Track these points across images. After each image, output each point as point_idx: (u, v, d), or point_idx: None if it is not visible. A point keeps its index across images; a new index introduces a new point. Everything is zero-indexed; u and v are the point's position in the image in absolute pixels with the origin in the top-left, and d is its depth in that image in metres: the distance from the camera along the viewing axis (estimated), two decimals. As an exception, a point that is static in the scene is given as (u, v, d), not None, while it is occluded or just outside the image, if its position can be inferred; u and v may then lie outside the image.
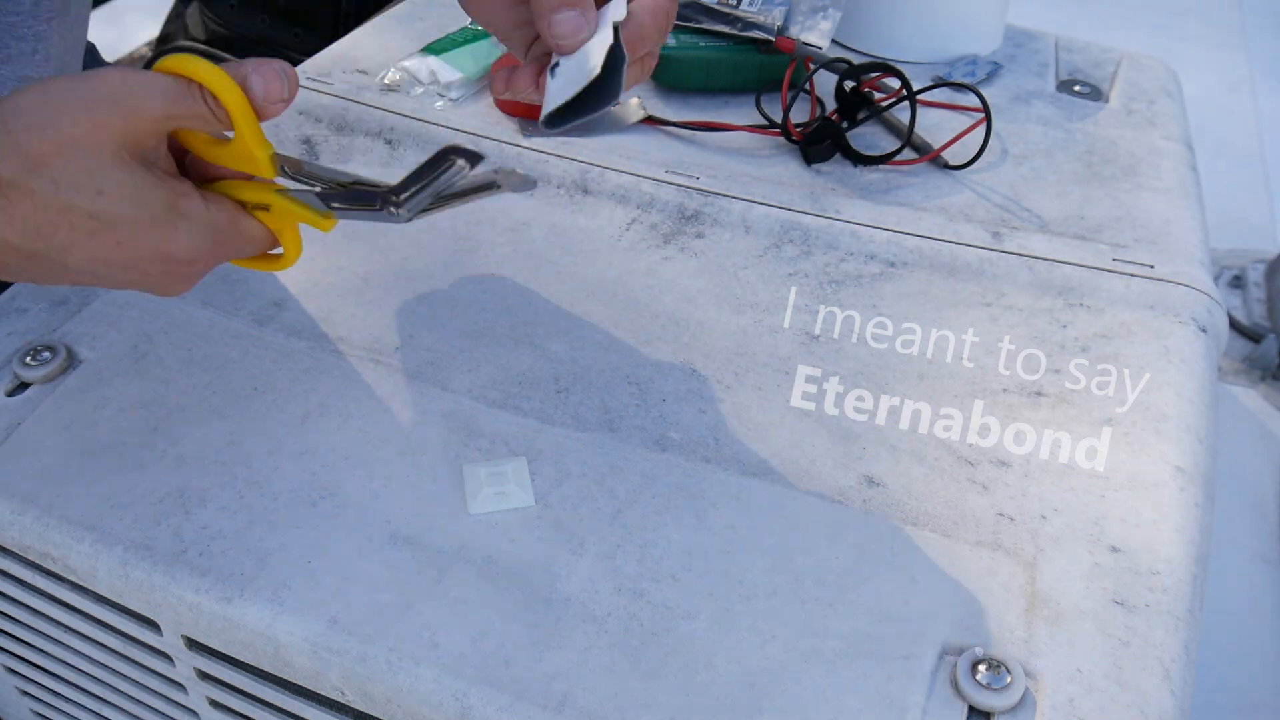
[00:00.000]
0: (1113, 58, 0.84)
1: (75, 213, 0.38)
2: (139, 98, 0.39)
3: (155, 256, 0.41)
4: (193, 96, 0.40)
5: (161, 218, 0.40)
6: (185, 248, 0.41)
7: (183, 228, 0.41)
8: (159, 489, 0.47)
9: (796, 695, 0.40)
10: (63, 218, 0.38)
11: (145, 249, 0.40)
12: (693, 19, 0.75)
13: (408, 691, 0.41)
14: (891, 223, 0.63)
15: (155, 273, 0.42)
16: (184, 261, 0.42)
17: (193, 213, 0.41)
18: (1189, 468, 0.49)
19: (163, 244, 0.41)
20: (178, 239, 0.41)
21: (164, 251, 0.41)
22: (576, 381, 0.53)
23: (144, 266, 0.41)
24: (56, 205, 0.38)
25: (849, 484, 0.48)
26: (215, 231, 0.42)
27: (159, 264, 0.41)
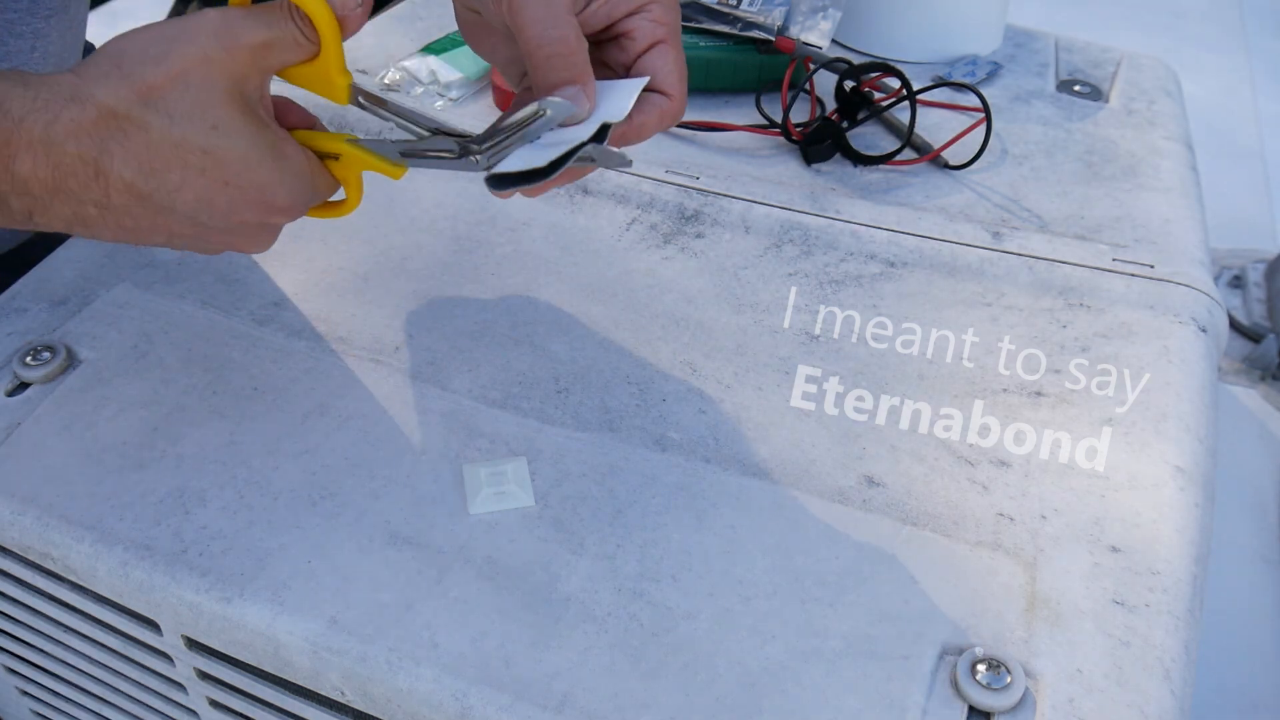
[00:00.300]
0: (1113, 58, 0.84)
1: (188, 147, 0.38)
2: (238, 28, 0.39)
3: (258, 201, 0.41)
4: (285, 17, 0.40)
5: (268, 159, 0.41)
6: (285, 193, 0.42)
7: (287, 171, 0.41)
8: (159, 489, 0.47)
9: (796, 695, 0.40)
10: (176, 153, 0.38)
11: (251, 191, 0.41)
12: (693, 19, 0.75)
13: (408, 691, 0.41)
14: (891, 223, 0.63)
15: (252, 221, 0.42)
16: (280, 209, 0.42)
17: (292, 157, 0.42)
18: (1189, 468, 0.49)
19: (267, 187, 0.41)
20: (282, 183, 0.41)
21: (266, 196, 0.41)
22: (576, 381, 0.53)
23: (244, 212, 0.41)
24: (171, 139, 0.38)
25: (849, 484, 0.48)
26: (306, 179, 0.43)
27: (258, 210, 0.42)
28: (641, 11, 0.43)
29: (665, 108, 0.43)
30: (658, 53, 0.43)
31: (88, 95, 0.37)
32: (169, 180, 0.39)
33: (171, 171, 0.39)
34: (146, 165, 0.38)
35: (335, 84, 0.43)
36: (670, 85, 0.43)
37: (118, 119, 0.38)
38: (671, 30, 0.43)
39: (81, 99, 0.37)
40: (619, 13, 0.43)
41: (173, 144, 0.38)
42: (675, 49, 0.43)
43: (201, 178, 0.39)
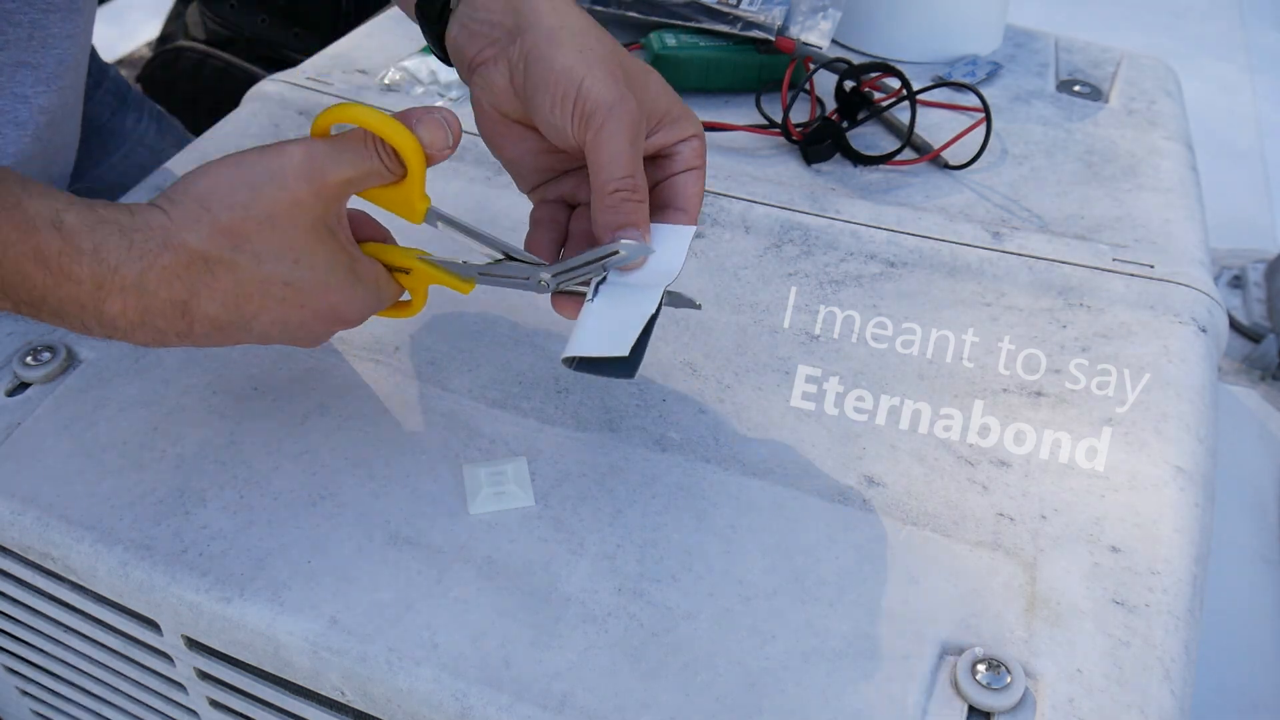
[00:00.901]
0: (1113, 58, 0.84)
1: (272, 282, 0.41)
2: (325, 166, 0.41)
3: (329, 316, 0.44)
4: (371, 154, 0.42)
5: (344, 281, 0.43)
6: (356, 309, 0.45)
7: (359, 290, 0.44)
8: (159, 489, 0.47)
9: (796, 695, 0.40)
10: (260, 288, 0.41)
11: (324, 309, 0.44)
12: (693, 19, 0.75)
13: (408, 691, 0.41)
14: (891, 223, 0.63)
15: (320, 330, 0.45)
16: (349, 321, 0.45)
17: (365, 276, 0.45)
18: (1189, 468, 0.49)
19: (340, 305, 0.44)
20: (353, 301, 0.44)
21: (339, 313, 0.44)
22: (576, 381, 0.53)
23: (314, 325, 0.44)
24: (258, 277, 0.41)
25: (849, 484, 0.48)
26: (375, 294, 0.46)
27: (327, 322, 0.44)
28: (686, 141, 0.46)
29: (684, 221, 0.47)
30: (692, 178, 0.46)
31: (180, 242, 0.39)
32: (249, 310, 0.42)
33: (253, 302, 0.42)
34: (232, 301, 0.41)
35: (415, 208, 0.45)
36: (693, 207, 0.47)
37: (208, 262, 0.40)
38: (703, 160, 0.47)
39: (174, 246, 0.39)
40: (666, 142, 0.46)
41: (259, 281, 0.41)
42: (702, 175, 0.47)
43: (281, 305, 0.42)
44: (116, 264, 0.39)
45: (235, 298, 0.41)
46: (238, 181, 0.40)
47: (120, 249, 0.39)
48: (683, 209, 0.46)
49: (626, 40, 0.78)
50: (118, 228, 0.39)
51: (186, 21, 1.38)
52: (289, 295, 0.42)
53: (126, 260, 0.39)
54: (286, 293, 0.42)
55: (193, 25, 1.37)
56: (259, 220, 0.40)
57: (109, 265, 0.39)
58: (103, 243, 0.38)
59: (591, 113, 0.42)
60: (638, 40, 0.77)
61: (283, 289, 0.42)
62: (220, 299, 0.41)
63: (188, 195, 0.40)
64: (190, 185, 0.41)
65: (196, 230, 0.40)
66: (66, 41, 0.66)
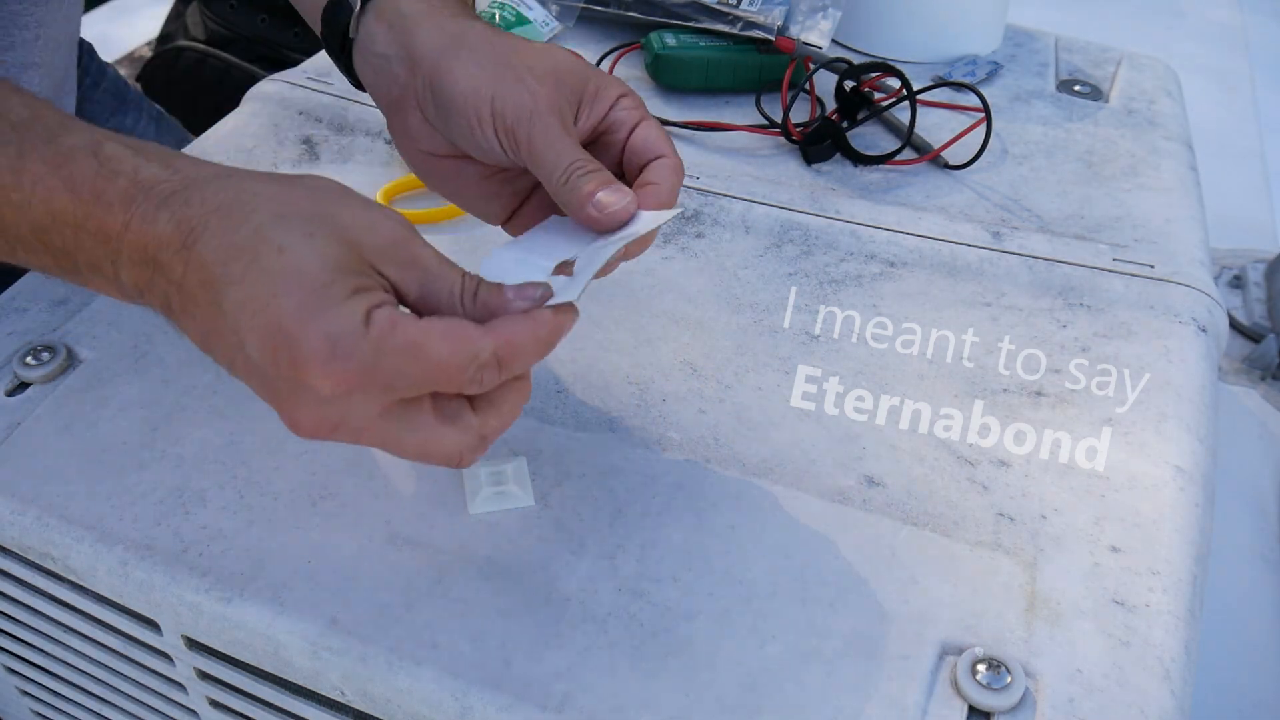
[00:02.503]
0: (1113, 58, 0.84)
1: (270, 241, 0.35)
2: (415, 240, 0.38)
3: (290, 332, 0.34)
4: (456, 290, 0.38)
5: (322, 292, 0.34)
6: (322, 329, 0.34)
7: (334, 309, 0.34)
8: (159, 489, 0.47)
9: (796, 695, 0.40)
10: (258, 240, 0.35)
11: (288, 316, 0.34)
12: (693, 19, 0.75)
13: (408, 691, 0.41)
14: (891, 223, 0.63)
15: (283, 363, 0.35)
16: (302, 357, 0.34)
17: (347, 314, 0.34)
18: (1189, 468, 0.49)
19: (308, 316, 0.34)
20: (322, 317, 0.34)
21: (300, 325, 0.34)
22: (576, 381, 0.53)
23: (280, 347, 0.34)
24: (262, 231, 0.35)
25: (849, 484, 0.48)
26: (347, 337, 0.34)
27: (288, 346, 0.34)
28: (616, 105, 0.44)
29: (672, 164, 0.44)
30: (644, 129, 0.44)
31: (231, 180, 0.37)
32: (233, 270, 0.35)
33: (239, 261, 0.35)
34: (224, 250, 0.35)
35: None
36: (665, 148, 0.44)
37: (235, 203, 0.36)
38: (645, 111, 0.45)
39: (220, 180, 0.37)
40: (599, 114, 0.44)
41: (258, 235, 0.35)
42: (653, 121, 0.45)
43: (258, 278, 0.34)
44: (152, 184, 0.36)
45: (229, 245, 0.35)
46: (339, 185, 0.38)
47: (161, 174, 0.37)
48: (659, 153, 0.44)
49: (626, 40, 0.78)
50: (163, 159, 0.37)
51: (186, 21, 1.38)
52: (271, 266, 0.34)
53: (164, 181, 0.36)
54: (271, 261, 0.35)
55: (193, 25, 1.37)
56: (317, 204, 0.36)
57: (143, 185, 0.36)
58: (143, 166, 0.37)
59: (514, 125, 0.42)
60: (638, 40, 0.77)
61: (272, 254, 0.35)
62: (219, 240, 0.35)
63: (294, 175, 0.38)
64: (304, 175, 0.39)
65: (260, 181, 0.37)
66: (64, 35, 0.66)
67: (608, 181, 0.42)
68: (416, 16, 0.44)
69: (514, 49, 0.43)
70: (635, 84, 0.76)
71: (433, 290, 0.37)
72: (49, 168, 0.37)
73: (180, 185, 0.36)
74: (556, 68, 0.43)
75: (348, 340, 0.34)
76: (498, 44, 0.43)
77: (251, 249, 0.35)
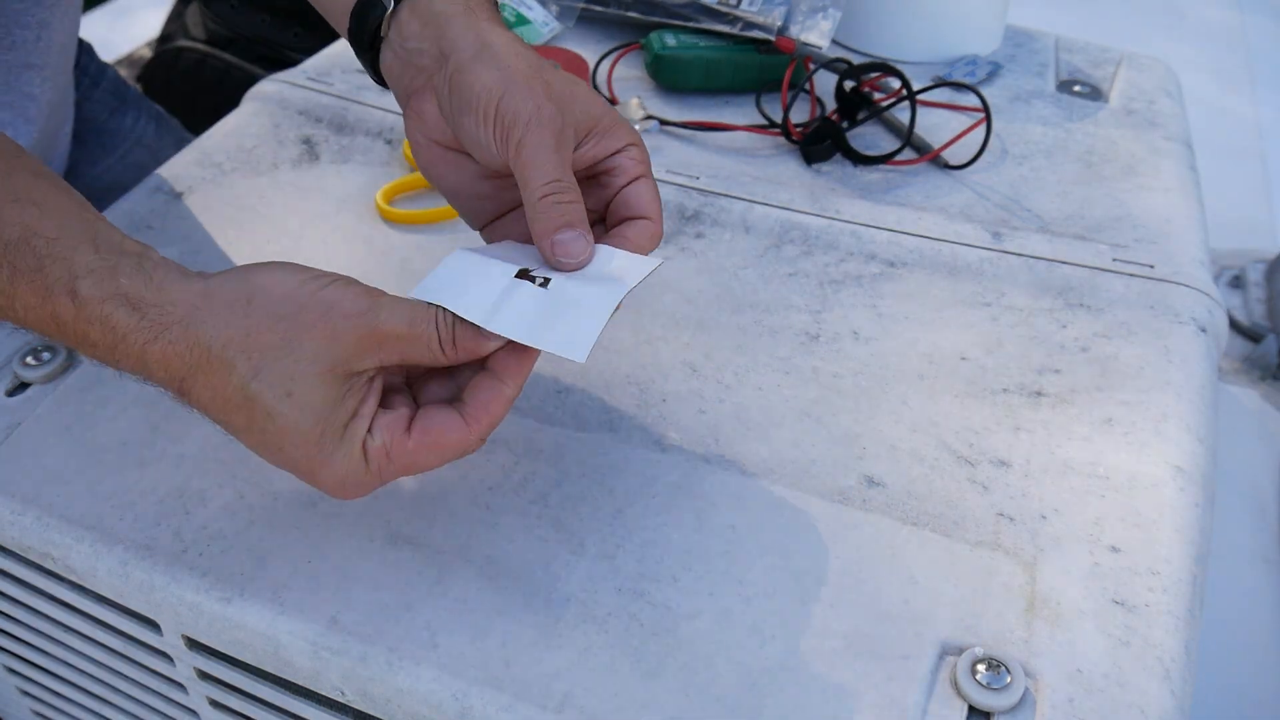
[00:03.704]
0: (1113, 58, 0.84)
1: (256, 405, 0.39)
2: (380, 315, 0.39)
3: (305, 472, 0.40)
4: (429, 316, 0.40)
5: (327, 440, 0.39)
6: (330, 476, 0.40)
7: (338, 458, 0.40)
8: (159, 489, 0.47)
9: (796, 695, 0.40)
10: (245, 404, 0.39)
11: (300, 464, 0.40)
12: (693, 19, 0.75)
13: (408, 691, 0.41)
14: (891, 223, 0.63)
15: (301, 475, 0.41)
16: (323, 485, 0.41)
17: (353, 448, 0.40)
18: (1189, 468, 0.49)
19: (314, 466, 0.40)
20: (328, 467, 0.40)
21: (313, 472, 0.40)
22: (576, 381, 0.53)
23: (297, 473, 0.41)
24: (245, 392, 0.38)
25: (849, 484, 0.48)
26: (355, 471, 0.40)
27: (306, 478, 0.41)
28: (623, 151, 0.45)
29: (652, 230, 0.45)
30: (641, 185, 0.45)
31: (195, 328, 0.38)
32: (235, 422, 0.40)
33: (237, 416, 0.39)
34: (219, 404, 0.39)
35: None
36: (653, 210, 0.45)
37: (209, 355, 0.38)
38: (648, 167, 0.45)
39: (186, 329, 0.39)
40: (602, 152, 0.45)
41: (244, 398, 0.39)
42: (653, 182, 0.45)
43: (260, 436, 0.39)
44: (125, 333, 0.38)
45: (222, 401, 0.39)
46: (293, 291, 0.39)
47: (129, 322, 0.38)
48: (645, 215, 0.45)
49: (626, 40, 0.78)
50: (128, 303, 0.38)
51: (186, 21, 1.38)
52: (268, 429, 0.39)
53: (134, 331, 0.38)
54: (266, 424, 0.39)
55: (193, 25, 1.37)
56: (280, 337, 0.38)
57: (118, 334, 0.38)
58: (111, 315, 0.38)
59: (511, 126, 0.42)
60: (638, 40, 0.77)
61: (264, 419, 0.39)
62: (210, 396, 0.39)
63: (243, 281, 0.40)
64: (254, 276, 0.40)
65: (221, 319, 0.39)
66: (65, 34, 0.66)
67: (574, 223, 0.42)
68: (451, 16, 0.45)
69: (543, 66, 0.44)
70: (635, 84, 0.76)
71: (412, 355, 0.40)
72: (38, 299, 0.39)
73: (150, 336, 0.39)
74: (574, 95, 0.44)
75: (354, 479, 0.40)
76: (528, 57, 0.44)
77: (245, 408, 0.39)
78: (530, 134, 0.42)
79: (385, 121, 0.70)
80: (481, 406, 0.41)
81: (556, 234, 0.42)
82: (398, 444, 0.40)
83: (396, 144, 0.69)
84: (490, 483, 0.47)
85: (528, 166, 0.42)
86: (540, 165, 0.42)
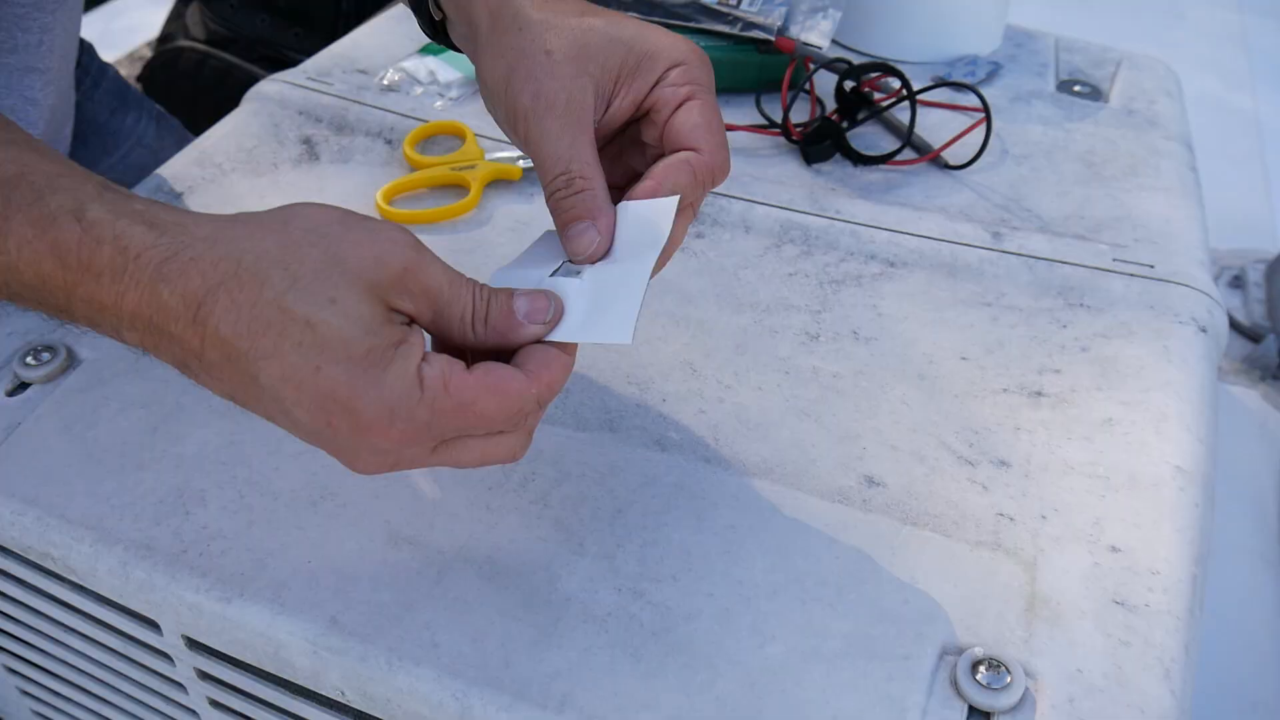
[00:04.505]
0: (1113, 58, 0.84)
1: (294, 316, 0.34)
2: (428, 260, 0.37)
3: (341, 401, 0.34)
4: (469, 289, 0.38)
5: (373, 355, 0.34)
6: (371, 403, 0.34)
7: (385, 381, 0.34)
8: (159, 489, 0.47)
9: (796, 695, 0.40)
10: (279, 316, 0.34)
11: (339, 386, 0.34)
12: (693, 19, 0.75)
13: (408, 691, 0.41)
14: (891, 223, 0.63)
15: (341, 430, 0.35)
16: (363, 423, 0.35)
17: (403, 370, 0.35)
18: (1189, 468, 0.49)
19: (356, 387, 0.34)
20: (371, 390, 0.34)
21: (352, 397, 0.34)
22: (576, 381, 0.53)
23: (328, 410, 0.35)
24: (281, 303, 0.34)
25: (849, 484, 0.48)
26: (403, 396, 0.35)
27: (341, 413, 0.35)
28: (662, 80, 0.41)
29: (695, 161, 0.41)
30: (683, 111, 0.41)
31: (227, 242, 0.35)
32: (262, 343, 0.34)
33: (267, 335, 0.34)
34: (245, 322, 0.34)
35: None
36: (697, 139, 0.41)
37: (239, 266, 0.34)
38: (698, 86, 0.41)
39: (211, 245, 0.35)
40: (641, 93, 0.42)
41: (279, 308, 0.34)
42: (702, 101, 0.41)
43: (292, 358, 0.34)
44: (139, 251, 0.34)
45: (249, 320, 0.34)
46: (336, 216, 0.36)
47: (145, 239, 0.35)
48: (694, 146, 0.41)
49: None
50: (145, 221, 0.35)
51: (186, 21, 1.38)
52: (306, 340, 0.34)
53: (150, 249, 0.34)
54: (304, 336, 0.34)
55: (193, 25, 1.37)
56: (323, 252, 0.35)
57: (130, 253, 0.34)
58: (125, 231, 0.35)
59: (516, 119, 0.41)
60: (638, 40, 0.77)
61: (301, 330, 0.34)
62: (234, 317, 0.34)
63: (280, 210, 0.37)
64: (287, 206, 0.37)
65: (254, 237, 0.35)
66: (67, 37, 0.66)
67: (581, 215, 0.41)
68: None
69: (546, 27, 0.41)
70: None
71: (445, 315, 0.38)
72: (35, 230, 0.35)
73: (170, 251, 0.35)
74: (586, 45, 0.41)
75: (405, 407, 0.35)
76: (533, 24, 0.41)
77: (278, 324, 0.34)
78: (533, 126, 0.41)
79: (385, 121, 0.70)
80: (541, 364, 0.37)
81: (566, 230, 0.41)
82: (458, 378, 0.35)
83: (396, 144, 0.69)
84: (490, 483, 0.47)
85: (536, 159, 0.42)
86: (546, 157, 0.41)
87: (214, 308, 0.34)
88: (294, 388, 0.34)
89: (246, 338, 0.34)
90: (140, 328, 0.35)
